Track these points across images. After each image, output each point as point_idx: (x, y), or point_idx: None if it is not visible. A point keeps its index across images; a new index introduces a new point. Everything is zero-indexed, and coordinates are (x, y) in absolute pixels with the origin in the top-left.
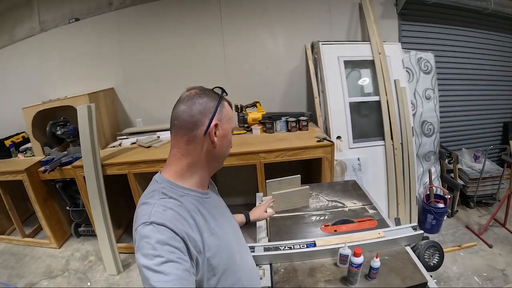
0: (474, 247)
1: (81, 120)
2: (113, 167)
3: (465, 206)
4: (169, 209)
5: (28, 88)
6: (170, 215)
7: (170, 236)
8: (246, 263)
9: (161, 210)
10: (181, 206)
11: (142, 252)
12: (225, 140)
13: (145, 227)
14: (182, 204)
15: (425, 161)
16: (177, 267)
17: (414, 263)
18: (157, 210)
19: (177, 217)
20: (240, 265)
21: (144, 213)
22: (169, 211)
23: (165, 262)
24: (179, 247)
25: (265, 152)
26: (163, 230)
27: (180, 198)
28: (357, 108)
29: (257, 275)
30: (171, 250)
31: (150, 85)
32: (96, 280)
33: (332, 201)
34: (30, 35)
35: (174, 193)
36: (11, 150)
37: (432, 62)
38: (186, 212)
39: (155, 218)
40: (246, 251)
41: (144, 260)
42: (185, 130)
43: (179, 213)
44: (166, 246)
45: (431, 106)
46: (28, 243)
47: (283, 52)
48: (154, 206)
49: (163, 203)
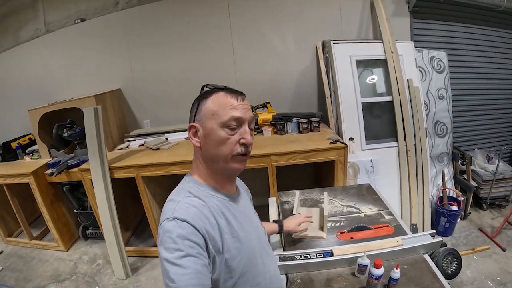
0: (487, 251)
1: (88, 122)
2: (121, 170)
3: (478, 208)
4: (192, 207)
5: (34, 89)
6: (193, 213)
7: (190, 231)
8: (268, 269)
9: (184, 207)
10: (204, 205)
11: (164, 246)
12: (209, 140)
13: (168, 222)
14: (206, 204)
15: (438, 162)
16: (196, 261)
17: (433, 272)
18: (181, 207)
19: (199, 215)
20: (261, 271)
21: (169, 209)
22: (192, 208)
23: (184, 256)
24: (199, 243)
25: (277, 155)
26: (185, 225)
27: (205, 198)
28: (370, 109)
29: (279, 283)
30: (191, 245)
31: (158, 86)
32: (104, 284)
33: (347, 206)
34: (35, 36)
35: (200, 193)
36: (17, 152)
37: (445, 61)
38: (209, 212)
39: (178, 214)
40: (270, 258)
41: (165, 253)
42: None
43: (202, 212)
44: (187, 241)
45: (444, 106)
46: (35, 246)
47: (293, 52)
48: (179, 203)
49: (188, 201)
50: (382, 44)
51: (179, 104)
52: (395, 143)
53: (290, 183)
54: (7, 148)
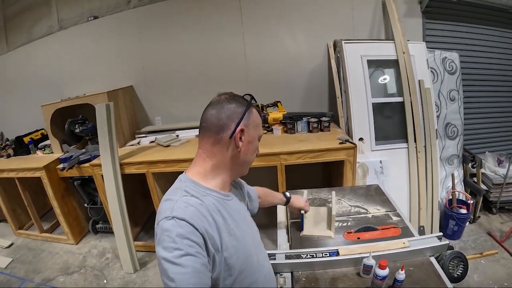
0: (495, 255)
1: (99, 118)
2: (132, 166)
3: (488, 212)
4: (190, 206)
5: (47, 85)
6: (191, 212)
7: (190, 230)
8: (263, 266)
9: (183, 206)
10: (202, 204)
11: (163, 245)
12: (250, 146)
13: (167, 221)
14: (203, 203)
15: (448, 164)
16: (195, 260)
17: (438, 275)
18: (179, 206)
19: (197, 214)
20: (258, 268)
21: (167, 208)
22: (190, 207)
23: (183, 255)
24: (198, 242)
25: (286, 154)
26: (184, 224)
27: (202, 197)
28: (380, 109)
29: (273, 280)
30: (190, 244)
31: (169, 84)
32: (112, 278)
33: (355, 206)
34: (49, 33)
35: (196, 192)
36: (30, 146)
37: (457, 62)
38: (206, 210)
39: (177, 213)
40: (264, 256)
41: (164, 252)
42: (211, 132)
43: (200, 211)
44: (186, 240)
45: (456, 107)
46: (45, 239)
47: (305, 51)
48: (177, 202)
49: (185, 200)
50: (394, 44)
51: (190, 101)
52: (405, 144)
53: (299, 182)
54: (20, 142)
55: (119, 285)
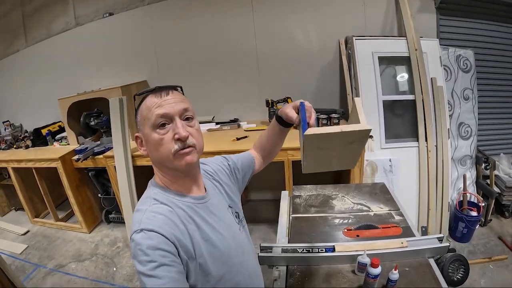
0: (504, 261)
1: (112, 112)
2: (143, 159)
3: (500, 215)
4: (159, 214)
5: (64, 79)
6: (160, 221)
7: (160, 240)
8: (246, 266)
9: (151, 217)
10: (172, 211)
11: (137, 259)
12: (149, 145)
13: (137, 235)
14: (173, 210)
15: (461, 165)
16: (170, 270)
17: (435, 278)
18: (147, 216)
19: (167, 222)
20: (239, 269)
21: (136, 221)
22: (159, 216)
23: (158, 266)
24: (170, 251)
25: (293, 150)
26: (153, 235)
27: (171, 204)
28: (391, 107)
29: (259, 276)
30: (162, 254)
31: (183, 78)
32: (122, 266)
33: (358, 204)
34: (66, 29)
35: (165, 199)
36: (47, 138)
37: (472, 60)
38: (177, 218)
39: (145, 225)
40: (248, 254)
41: (139, 266)
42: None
43: (170, 218)
44: (158, 251)
45: (469, 107)
46: (60, 227)
47: (316, 47)
48: (145, 212)
49: (154, 209)
50: (406, 41)
51: (203, 95)
52: (416, 143)
53: (308, 178)
54: (38, 134)
55: (128, 273)
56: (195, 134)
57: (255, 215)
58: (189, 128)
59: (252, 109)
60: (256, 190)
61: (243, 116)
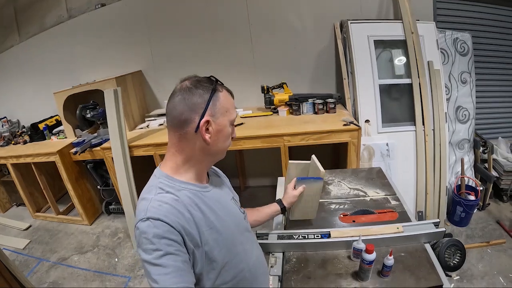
0: (502, 245)
1: (108, 103)
2: (140, 149)
3: (498, 199)
4: (165, 203)
5: (59, 73)
6: (166, 210)
7: (166, 229)
8: (250, 254)
9: (157, 206)
10: (177, 200)
11: (142, 248)
12: (220, 135)
13: (143, 223)
14: (179, 199)
15: (458, 149)
16: (175, 259)
17: (431, 263)
18: (153, 205)
19: (173, 211)
20: (243, 257)
21: (142, 209)
22: (165, 205)
23: (163, 255)
24: (176, 240)
25: (289, 135)
26: (159, 224)
27: (177, 192)
28: (388, 91)
29: (263, 265)
30: (168, 243)
31: (177, 67)
32: (123, 256)
33: (354, 189)
34: (59, 22)
35: (171, 187)
36: (44, 132)
37: (470, 43)
38: (183, 206)
39: (151, 214)
40: (251, 242)
41: (144, 255)
42: (176, 127)
43: (175, 207)
44: (164, 240)
45: (467, 90)
46: (61, 220)
47: (311, 32)
48: (151, 201)
49: (159, 198)
50: (402, 24)
51: None
52: (413, 127)
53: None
54: (35, 129)
55: (129, 263)
56: None
57: (253, 202)
58: None
59: (248, 96)
60: (254, 176)
61: (239, 103)
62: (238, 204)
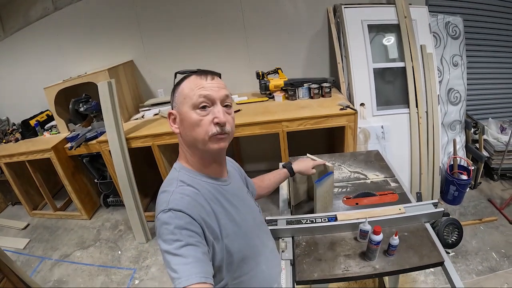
0: (494, 222)
1: (102, 96)
2: (137, 140)
3: (489, 178)
4: (186, 196)
5: (49, 67)
6: (187, 202)
7: (188, 221)
8: (266, 247)
9: (179, 197)
10: (198, 193)
11: (162, 238)
12: (185, 124)
13: (164, 214)
14: (199, 192)
15: (450, 130)
16: (196, 250)
17: (432, 241)
18: (175, 197)
19: (194, 204)
20: (261, 249)
21: (163, 201)
22: (186, 198)
23: (184, 245)
24: (197, 231)
25: (287, 121)
26: (181, 215)
27: (197, 185)
28: (382, 74)
29: (277, 256)
30: (189, 234)
31: (169, 55)
32: (126, 249)
33: (355, 172)
34: (44, 15)
35: (192, 181)
36: (36, 129)
37: (461, 27)
38: (203, 199)
39: (173, 205)
40: (266, 235)
41: (165, 245)
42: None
43: (197, 200)
44: (185, 231)
45: (459, 73)
46: (60, 216)
47: (304, 17)
48: (173, 194)
49: (181, 191)
50: (395, 8)
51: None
52: (407, 109)
53: (302, 148)
54: (26, 126)
55: (133, 255)
56: (231, 122)
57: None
58: (227, 116)
59: (243, 82)
60: (251, 161)
61: (234, 89)
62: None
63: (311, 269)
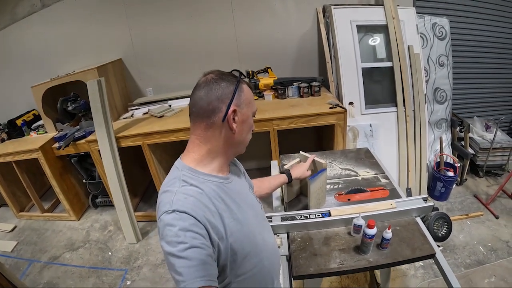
0: (481, 217)
1: (91, 95)
2: (127, 139)
3: (474, 175)
4: (190, 196)
5: (35, 65)
6: (191, 203)
7: (192, 223)
8: (267, 243)
9: (182, 198)
10: (201, 193)
11: (166, 240)
12: (245, 126)
13: (168, 215)
14: (203, 191)
15: (437, 128)
16: (200, 252)
17: (423, 234)
18: (179, 198)
19: (198, 204)
20: (262, 247)
21: (166, 202)
22: (190, 198)
23: (188, 248)
24: (201, 233)
25: (278, 119)
26: (185, 217)
27: (201, 185)
28: (370, 74)
29: (277, 251)
30: (193, 236)
31: (158, 54)
32: (116, 249)
33: (346, 169)
34: (31, 12)
35: (195, 180)
36: (23, 129)
37: (447, 28)
38: (207, 199)
39: (177, 206)
40: (268, 231)
41: (168, 247)
42: (202, 117)
43: (200, 200)
44: (189, 233)
45: (445, 73)
46: (47, 218)
47: (294, 16)
48: (176, 194)
49: (184, 191)
50: (384, 9)
51: (180, 70)
52: (395, 108)
53: (292, 146)
54: (13, 125)
55: (124, 255)
56: None
57: None
58: None
59: None
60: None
61: None
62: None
63: (307, 264)
